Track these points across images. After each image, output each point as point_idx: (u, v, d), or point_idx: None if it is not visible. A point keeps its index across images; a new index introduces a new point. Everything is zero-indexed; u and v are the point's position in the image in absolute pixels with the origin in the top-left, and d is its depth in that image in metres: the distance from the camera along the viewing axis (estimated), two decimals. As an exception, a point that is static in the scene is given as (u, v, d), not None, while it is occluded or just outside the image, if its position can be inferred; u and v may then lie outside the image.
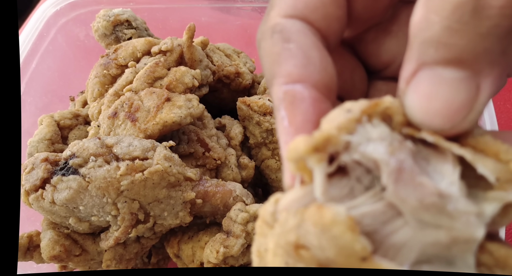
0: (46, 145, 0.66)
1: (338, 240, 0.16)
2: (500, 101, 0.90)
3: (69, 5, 0.87)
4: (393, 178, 0.17)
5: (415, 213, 0.17)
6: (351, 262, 0.17)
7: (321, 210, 0.17)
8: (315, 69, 0.21)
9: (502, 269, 0.18)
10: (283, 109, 0.21)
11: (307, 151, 0.18)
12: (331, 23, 0.23)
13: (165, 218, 0.55)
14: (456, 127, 0.18)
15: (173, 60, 0.67)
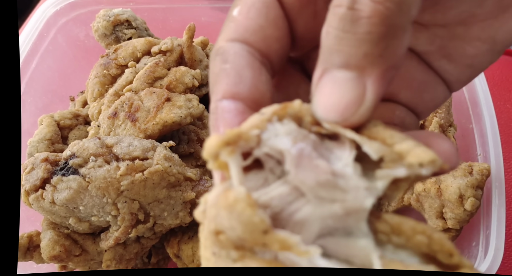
0: (46, 145, 0.66)
1: (241, 216, 0.19)
2: (500, 102, 0.90)
3: (69, 5, 0.87)
4: (294, 164, 0.21)
5: (314, 191, 0.20)
6: (255, 236, 0.19)
7: (227, 193, 0.20)
8: (245, 87, 0.24)
9: (397, 235, 0.21)
10: (212, 119, 0.24)
11: (218, 145, 0.20)
12: (270, 44, 0.26)
13: (165, 218, 0.55)
14: (349, 120, 0.22)
15: (173, 60, 0.67)
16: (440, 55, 0.30)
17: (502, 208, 0.57)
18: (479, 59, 0.29)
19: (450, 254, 0.21)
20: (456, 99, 0.71)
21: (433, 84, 0.31)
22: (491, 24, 0.28)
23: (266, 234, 0.19)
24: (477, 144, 0.66)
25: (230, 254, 0.20)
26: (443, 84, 0.31)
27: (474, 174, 0.55)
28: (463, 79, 0.31)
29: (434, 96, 0.31)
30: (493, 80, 0.94)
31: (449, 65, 0.30)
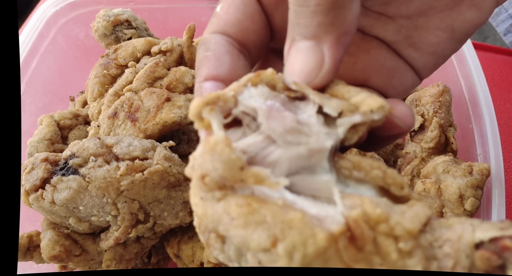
0: (46, 145, 0.66)
1: (221, 156, 0.22)
2: (500, 101, 0.90)
3: (69, 5, 0.87)
4: (265, 116, 0.24)
5: (282, 137, 0.24)
6: (234, 173, 0.22)
7: (208, 138, 0.23)
8: (224, 70, 0.28)
9: (358, 170, 0.24)
10: (198, 91, 0.28)
11: (200, 105, 0.24)
12: (248, 35, 0.30)
13: (165, 218, 0.55)
14: (312, 83, 0.25)
15: (173, 60, 0.67)
16: (407, 44, 0.33)
17: (502, 208, 0.57)
18: (441, 46, 0.33)
19: (401, 187, 0.24)
20: (456, 99, 0.71)
21: (401, 71, 0.34)
22: (448, 15, 0.31)
23: (242, 170, 0.22)
24: (477, 144, 0.66)
25: (215, 195, 0.22)
26: (412, 71, 0.34)
27: (474, 174, 0.55)
28: (429, 66, 0.34)
29: (403, 81, 0.34)
30: (493, 80, 0.94)
31: (415, 53, 0.33)
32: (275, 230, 0.21)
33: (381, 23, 0.33)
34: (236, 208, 0.21)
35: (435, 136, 0.63)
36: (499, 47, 1.00)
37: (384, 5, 0.32)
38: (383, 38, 0.34)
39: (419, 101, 0.67)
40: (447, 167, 0.56)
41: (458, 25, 0.31)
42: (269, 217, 0.21)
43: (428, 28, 0.32)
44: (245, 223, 0.21)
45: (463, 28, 0.32)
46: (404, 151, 0.67)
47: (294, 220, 0.21)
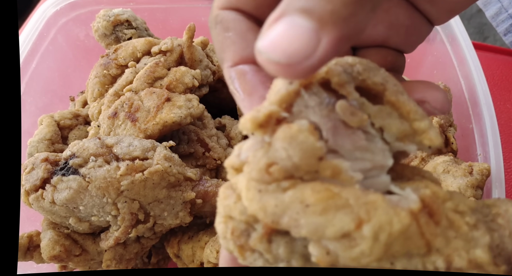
0: (46, 145, 0.66)
1: (303, 144, 0.21)
2: (500, 102, 0.90)
3: (69, 5, 0.87)
4: (331, 133, 0.23)
5: (350, 153, 0.23)
6: (311, 162, 0.21)
7: (290, 125, 0.22)
8: (252, 50, 0.25)
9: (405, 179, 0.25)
10: (235, 83, 0.26)
11: (253, 128, 0.23)
12: (264, 11, 0.26)
13: (165, 218, 0.55)
14: (292, 66, 0.20)
15: (173, 60, 0.67)
16: (426, 0, 0.32)
17: (502, 208, 0.57)
18: (460, 4, 0.32)
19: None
20: (456, 99, 0.71)
21: (419, 27, 0.33)
22: None
23: (321, 161, 0.22)
24: (477, 144, 0.66)
25: (280, 185, 0.22)
26: (427, 23, 0.34)
27: (474, 174, 0.55)
28: (443, 19, 0.34)
29: (419, 36, 0.34)
30: (493, 80, 0.94)
31: (431, 8, 0.32)
32: (359, 212, 0.20)
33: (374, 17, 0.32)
34: (313, 194, 0.21)
35: (435, 136, 0.63)
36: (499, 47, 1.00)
37: None
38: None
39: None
40: (447, 167, 0.56)
41: None
42: (352, 200, 0.21)
43: None
44: (323, 209, 0.21)
45: None
46: (404, 151, 0.67)
47: (377, 201, 0.21)
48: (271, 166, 0.22)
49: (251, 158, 0.22)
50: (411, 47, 0.35)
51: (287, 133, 0.22)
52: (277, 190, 0.22)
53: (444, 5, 0.32)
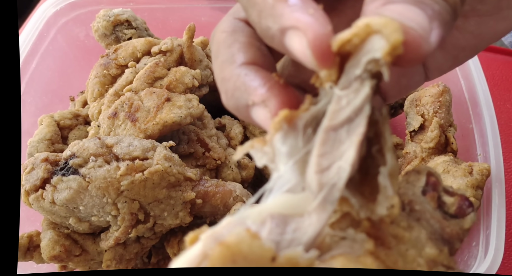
0: (46, 145, 0.66)
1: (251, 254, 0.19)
2: (500, 102, 0.90)
3: (69, 5, 0.87)
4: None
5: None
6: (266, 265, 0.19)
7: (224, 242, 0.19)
8: (262, 55, 0.26)
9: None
10: (250, 76, 0.25)
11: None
12: None
13: (165, 218, 0.55)
14: (420, 39, 0.20)
15: (173, 60, 0.67)
16: None
17: (502, 208, 0.57)
18: (465, 53, 0.32)
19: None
20: (456, 99, 0.71)
21: (412, 72, 0.33)
22: (486, 22, 0.31)
23: (274, 261, 0.19)
24: (477, 144, 0.66)
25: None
26: (423, 72, 0.34)
27: (474, 174, 0.55)
28: (444, 68, 0.33)
29: (410, 82, 0.34)
30: (493, 80, 0.94)
31: (439, 53, 0.32)
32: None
33: None
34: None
35: (435, 136, 0.63)
36: (499, 47, 1.00)
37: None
38: None
39: (419, 101, 0.67)
40: (447, 167, 0.56)
41: (489, 34, 0.31)
42: None
43: (463, 30, 0.31)
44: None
45: (491, 38, 0.32)
46: (404, 151, 0.67)
47: (342, 260, 0.21)
48: None
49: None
50: (399, 90, 0.34)
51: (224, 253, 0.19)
52: None
53: (452, 49, 0.32)
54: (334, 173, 0.21)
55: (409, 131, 0.67)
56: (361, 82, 0.20)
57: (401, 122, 0.87)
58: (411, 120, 0.67)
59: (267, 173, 0.68)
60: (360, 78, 0.20)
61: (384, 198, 0.21)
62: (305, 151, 0.22)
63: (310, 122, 0.22)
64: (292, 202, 0.22)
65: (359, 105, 0.20)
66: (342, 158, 0.20)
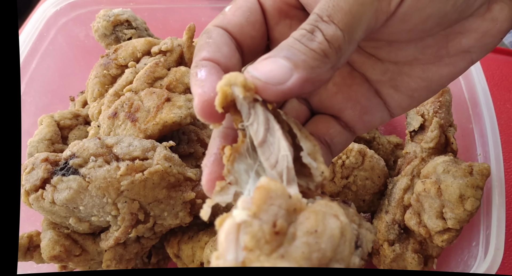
0: (46, 145, 0.66)
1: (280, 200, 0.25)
2: (500, 102, 0.90)
3: (69, 5, 0.87)
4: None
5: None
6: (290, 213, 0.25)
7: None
8: (221, 57, 0.31)
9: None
10: (194, 69, 0.31)
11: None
12: (245, 38, 0.34)
13: (165, 218, 0.55)
14: (267, 84, 0.27)
15: (173, 60, 0.67)
16: (389, 84, 0.38)
17: (502, 208, 0.57)
18: (418, 92, 0.38)
19: None
20: (456, 99, 0.71)
21: (374, 109, 0.39)
22: (429, 68, 0.36)
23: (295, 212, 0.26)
24: (477, 144, 0.66)
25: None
26: (384, 110, 0.39)
27: (474, 174, 0.55)
28: (403, 106, 0.39)
29: (372, 119, 0.39)
30: (493, 80, 0.94)
31: (395, 93, 0.38)
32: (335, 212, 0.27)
33: (371, 63, 0.37)
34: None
35: (435, 136, 0.63)
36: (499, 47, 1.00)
37: (376, 49, 0.37)
38: (369, 76, 0.38)
39: (419, 101, 0.67)
40: (447, 167, 0.56)
41: (436, 77, 0.36)
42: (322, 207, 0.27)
43: (410, 75, 0.37)
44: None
45: (439, 80, 0.37)
46: (404, 151, 0.67)
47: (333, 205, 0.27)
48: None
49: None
50: (363, 126, 0.39)
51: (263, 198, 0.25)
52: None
53: (405, 90, 0.37)
54: (282, 161, 0.28)
55: (409, 131, 0.67)
56: (253, 108, 0.28)
57: (401, 122, 0.87)
58: (411, 120, 0.67)
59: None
60: (251, 107, 0.28)
61: (315, 170, 0.28)
62: (257, 164, 0.29)
63: (249, 147, 0.30)
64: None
65: (264, 119, 0.28)
66: (281, 150, 0.28)
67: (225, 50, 0.32)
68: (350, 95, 0.38)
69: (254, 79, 0.27)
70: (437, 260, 0.61)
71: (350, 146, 0.63)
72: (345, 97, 0.38)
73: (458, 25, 0.34)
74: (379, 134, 0.75)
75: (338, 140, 0.38)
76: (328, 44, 0.28)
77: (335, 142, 0.38)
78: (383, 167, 0.65)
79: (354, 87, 0.38)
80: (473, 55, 0.36)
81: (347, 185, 0.64)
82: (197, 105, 0.29)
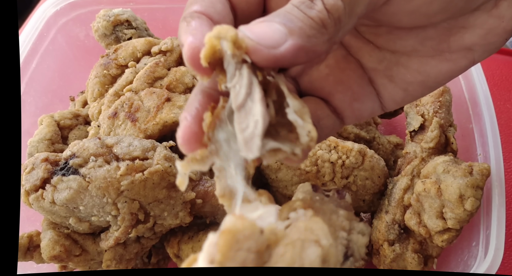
0: (46, 145, 0.66)
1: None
2: (500, 101, 0.90)
3: (69, 5, 0.87)
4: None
5: None
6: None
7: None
8: (215, 12, 0.30)
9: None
10: (185, 20, 0.30)
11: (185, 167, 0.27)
12: (240, 1, 0.32)
13: (165, 218, 0.55)
14: (259, 46, 0.26)
15: (173, 60, 0.67)
16: (384, 74, 0.36)
17: (502, 208, 0.57)
18: (413, 87, 0.36)
19: None
20: (456, 99, 0.71)
21: (365, 98, 0.37)
22: (428, 62, 0.35)
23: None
24: (477, 144, 0.66)
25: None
26: (377, 100, 0.37)
27: (474, 174, 0.55)
28: (396, 99, 0.37)
29: (362, 107, 0.37)
30: (493, 80, 0.94)
31: (389, 84, 0.36)
32: None
33: (368, 49, 0.36)
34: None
35: (435, 136, 0.63)
36: (499, 47, 1.00)
37: (375, 35, 0.35)
38: (364, 63, 0.36)
39: (419, 101, 0.67)
40: (447, 167, 0.56)
41: (434, 73, 0.35)
42: None
43: (407, 67, 0.35)
44: None
45: (437, 76, 0.35)
46: (404, 151, 0.67)
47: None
48: None
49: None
50: (351, 114, 0.36)
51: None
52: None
53: (400, 82, 0.36)
54: (252, 126, 0.26)
55: (409, 131, 0.67)
56: (239, 69, 0.26)
57: (401, 122, 0.87)
58: (411, 120, 0.67)
59: (267, 173, 0.68)
60: (238, 68, 0.26)
61: (301, 129, 0.26)
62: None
63: (230, 113, 0.28)
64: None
65: (247, 82, 0.26)
66: (254, 115, 0.26)
67: (219, 7, 0.31)
68: (342, 80, 0.36)
69: (245, 38, 0.26)
70: (437, 260, 0.61)
71: (350, 145, 0.63)
72: (336, 81, 0.36)
73: (462, 19, 0.33)
74: (379, 135, 0.75)
75: (325, 123, 0.36)
76: (327, 14, 0.27)
77: (322, 124, 0.36)
78: (383, 167, 0.65)
79: (347, 72, 0.36)
80: (475, 54, 0.34)
81: (347, 185, 0.64)
82: (187, 52, 0.27)
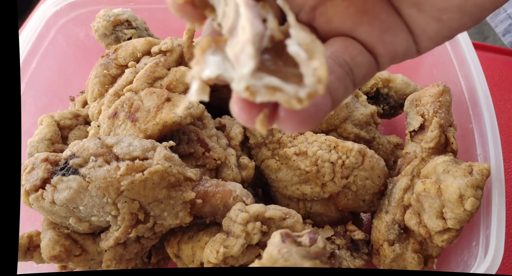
0: (46, 145, 0.66)
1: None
2: (500, 102, 0.90)
3: (69, 5, 0.87)
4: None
5: None
6: None
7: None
8: None
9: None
10: None
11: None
12: None
13: (165, 218, 0.55)
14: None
15: (173, 60, 0.67)
16: (411, 2, 0.29)
17: (502, 208, 0.57)
18: (449, 14, 0.28)
19: None
20: (456, 99, 0.71)
21: (396, 28, 0.30)
22: None
23: None
24: (477, 144, 0.66)
25: None
26: (408, 33, 0.30)
27: (474, 174, 0.55)
28: (430, 34, 0.30)
29: (396, 40, 0.30)
30: (493, 80, 0.94)
31: (418, 14, 0.29)
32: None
33: None
34: None
35: (435, 136, 0.63)
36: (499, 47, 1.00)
37: None
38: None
39: (419, 101, 0.67)
40: (447, 167, 0.56)
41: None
42: None
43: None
44: None
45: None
46: (404, 151, 0.67)
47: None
48: None
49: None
50: (384, 49, 0.30)
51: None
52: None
53: (431, 11, 0.29)
54: (241, 35, 0.22)
55: (409, 131, 0.67)
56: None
57: (401, 122, 0.87)
58: (411, 120, 0.67)
59: (267, 173, 0.68)
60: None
61: (305, 65, 0.21)
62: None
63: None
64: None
65: (233, 2, 0.23)
66: (242, 23, 0.22)
67: None
68: (366, 9, 0.29)
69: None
70: (437, 260, 0.61)
71: (350, 145, 0.63)
72: (359, 11, 0.29)
73: None
74: (379, 135, 0.75)
75: (359, 61, 0.29)
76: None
77: (357, 62, 0.29)
78: (383, 167, 0.65)
79: (369, 1, 0.29)
80: None
81: (347, 185, 0.64)
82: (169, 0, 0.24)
